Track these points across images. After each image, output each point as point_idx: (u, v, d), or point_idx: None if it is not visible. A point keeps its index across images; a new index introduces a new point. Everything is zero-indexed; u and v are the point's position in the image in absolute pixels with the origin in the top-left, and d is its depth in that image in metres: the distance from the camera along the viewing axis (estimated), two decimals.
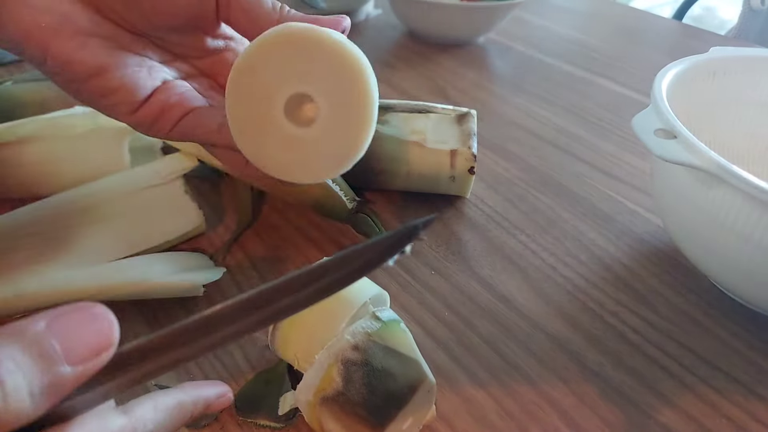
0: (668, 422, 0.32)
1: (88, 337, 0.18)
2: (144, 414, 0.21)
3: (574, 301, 0.39)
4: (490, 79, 0.71)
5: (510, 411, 0.32)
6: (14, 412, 0.16)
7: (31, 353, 0.16)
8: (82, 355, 0.17)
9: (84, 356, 0.17)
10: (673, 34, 0.95)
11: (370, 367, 0.27)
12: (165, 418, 0.22)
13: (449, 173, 0.45)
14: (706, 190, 0.34)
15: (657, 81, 0.40)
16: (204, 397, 0.25)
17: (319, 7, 0.83)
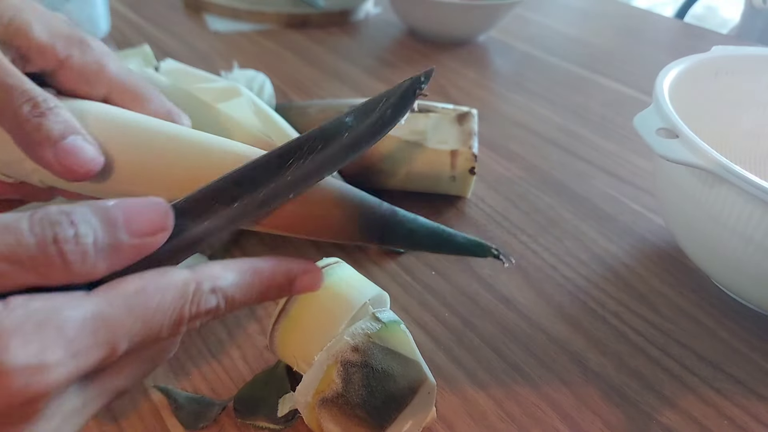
0: (670, 423, 0.31)
1: (147, 218, 0.20)
2: (211, 271, 0.21)
3: (575, 302, 0.39)
4: (491, 78, 0.71)
5: (511, 412, 0.31)
6: (80, 253, 0.18)
7: (98, 216, 0.19)
8: (141, 230, 0.20)
9: (142, 232, 0.20)
10: (675, 33, 0.94)
11: (370, 369, 0.27)
12: (238, 278, 0.21)
13: (450, 173, 0.45)
14: (708, 189, 0.34)
15: (659, 80, 0.40)
16: (286, 268, 0.23)
17: (318, 6, 0.83)
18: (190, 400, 0.31)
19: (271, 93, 0.52)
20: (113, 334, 0.18)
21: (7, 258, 0.18)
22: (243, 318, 0.36)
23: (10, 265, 0.18)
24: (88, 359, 0.18)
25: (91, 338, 0.18)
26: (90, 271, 0.19)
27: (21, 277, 0.18)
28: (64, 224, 0.18)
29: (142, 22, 0.78)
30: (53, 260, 0.18)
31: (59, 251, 0.18)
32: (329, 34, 0.80)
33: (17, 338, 0.17)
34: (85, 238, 0.18)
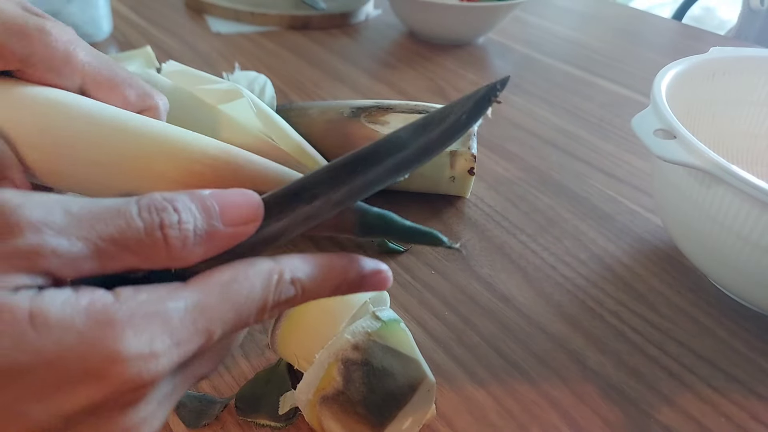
0: (668, 421, 0.32)
1: (240, 209, 0.21)
2: (292, 261, 0.22)
3: (574, 301, 0.39)
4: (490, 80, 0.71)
5: (510, 410, 0.32)
6: (181, 239, 0.19)
7: (197, 205, 0.20)
8: (235, 220, 0.21)
9: (235, 221, 0.21)
10: (673, 35, 0.95)
11: (370, 367, 0.27)
12: (315, 271, 0.22)
13: (449, 174, 0.45)
14: (705, 189, 0.34)
15: (657, 81, 0.40)
16: (359, 266, 0.23)
17: (319, 8, 0.83)
18: (191, 398, 0.31)
19: (272, 94, 0.52)
20: (211, 323, 0.19)
21: (116, 241, 0.18)
22: None
23: (118, 249, 0.19)
24: (188, 347, 0.19)
25: (192, 327, 0.19)
26: (187, 256, 0.20)
27: (126, 259, 0.19)
28: (169, 210, 0.19)
29: (144, 23, 0.78)
30: (158, 244, 0.19)
31: (164, 236, 0.19)
32: (330, 35, 0.80)
33: (130, 329, 0.17)
34: (186, 225, 0.20)
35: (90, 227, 0.18)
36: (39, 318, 0.17)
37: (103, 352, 0.17)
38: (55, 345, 0.17)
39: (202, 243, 0.20)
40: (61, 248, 0.18)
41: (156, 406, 0.20)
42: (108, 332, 0.17)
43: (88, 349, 0.17)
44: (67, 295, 0.17)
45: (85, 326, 0.17)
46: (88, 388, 0.17)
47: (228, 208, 0.21)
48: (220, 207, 0.21)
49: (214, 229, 0.20)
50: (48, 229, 0.18)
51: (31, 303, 0.17)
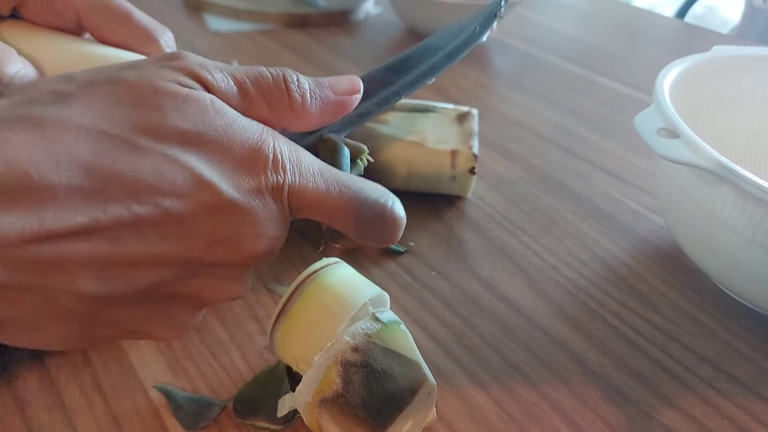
0: (670, 423, 0.31)
1: (345, 83, 0.27)
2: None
3: (575, 302, 0.39)
4: (491, 78, 0.71)
5: (511, 412, 0.31)
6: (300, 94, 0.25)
7: (311, 79, 0.26)
8: (341, 90, 0.26)
9: (342, 91, 0.26)
10: (675, 33, 0.94)
11: (370, 369, 0.27)
12: None
13: (450, 173, 0.45)
14: (708, 189, 0.34)
15: (659, 80, 0.40)
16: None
17: (318, 6, 0.83)
18: (189, 400, 0.31)
19: None
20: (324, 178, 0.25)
21: (254, 83, 0.24)
22: (243, 318, 0.36)
23: (256, 91, 0.24)
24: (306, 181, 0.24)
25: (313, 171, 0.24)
26: (306, 113, 0.25)
27: (261, 105, 0.24)
28: (290, 72, 0.25)
29: None
30: (283, 94, 0.24)
31: (287, 88, 0.24)
32: (329, 33, 0.80)
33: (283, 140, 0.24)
34: (304, 84, 0.25)
35: (236, 70, 0.24)
36: (218, 104, 0.22)
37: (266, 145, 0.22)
38: (227, 125, 0.22)
39: (317, 105, 0.25)
40: (217, 75, 0.23)
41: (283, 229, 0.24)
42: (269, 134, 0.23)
43: (252, 138, 0.22)
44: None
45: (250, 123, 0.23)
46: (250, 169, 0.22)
47: (335, 82, 0.26)
48: (329, 81, 0.26)
49: (326, 95, 0.25)
50: (206, 61, 0.24)
51: (211, 96, 0.22)
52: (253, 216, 0.22)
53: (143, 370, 0.32)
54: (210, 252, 0.22)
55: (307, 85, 0.25)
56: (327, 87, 0.25)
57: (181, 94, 0.21)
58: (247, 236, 0.22)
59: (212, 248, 0.22)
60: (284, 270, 0.40)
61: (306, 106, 0.25)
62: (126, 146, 0.20)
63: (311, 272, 0.29)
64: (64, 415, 0.29)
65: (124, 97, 0.20)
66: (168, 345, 0.34)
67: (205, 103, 0.21)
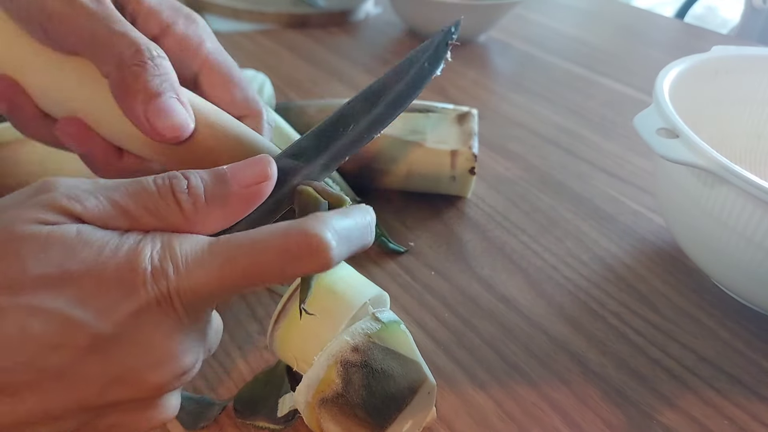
0: (670, 423, 0.31)
1: (252, 170, 0.23)
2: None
3: (575, 302, 0.39)
4: (491, 78, 0.71)
5: (511, 412, 0.31)
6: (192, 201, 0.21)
7: (208, 173, 0.22)
8: (247, 180, 0.22)
9: (248, 181, 0.22)
10: (675, 33, 0.94)
11: (370, 369, 0.27)
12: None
13: (450, 173, 0.45)
14: (708, 189, 0.34)
15: (659, 80, 0.40)
16: None
17: (319, 6, 0.83)
18: (189, 400, 0.31)
19: (271, 93, 0.52)
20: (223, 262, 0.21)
21: (137, 201, 0.21)
22: (243, 318, 0.36)
23: (139, 209, 0.21)
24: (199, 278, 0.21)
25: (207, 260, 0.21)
26: (204, 219, 0.22)
27: (148, 221, 0.21)
28: (179, 177, 0.22)
29: None
30: (171, 206, 0.21)
31: (176, 199, 0.21)
32: (329, 33, 0.80)
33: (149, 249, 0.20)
34: (196, 189, 0.22)
35: (114, 190, 0.21)
36: (84, 234, 0.20)
37: (131, 264, 0.20)
38: (95, 256, 0.19)
39: (217, 206, 0.22)
40: (89, 203, 0.20)
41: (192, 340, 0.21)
42: (136, 249, 0.20)
43: (120, 262, 0.19)
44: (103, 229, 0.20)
45: (118, 245, 0.20)
46: (122, 296, 0.19)
47: (239, 171, 0.22)
48: (230, 171, 0.22)
49: (227, 192, 0.22)
50: (78, 189, 0.20)
51: (78, 225, 0.20)
52: (143, 344, 0.20)
53: None
54: (106, 395, 0.20)
55: (201, 189, 0.21)
56: (229, 181, 0.22)
57: (42, 235, 0.19)
58: (145, 368, 0.20)
59: (108, 391, 0.20)
60: None
61: (200, 210, 0.21)
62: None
63: None
64: None
65: None
66: None
67: (69, 238, 0.19)
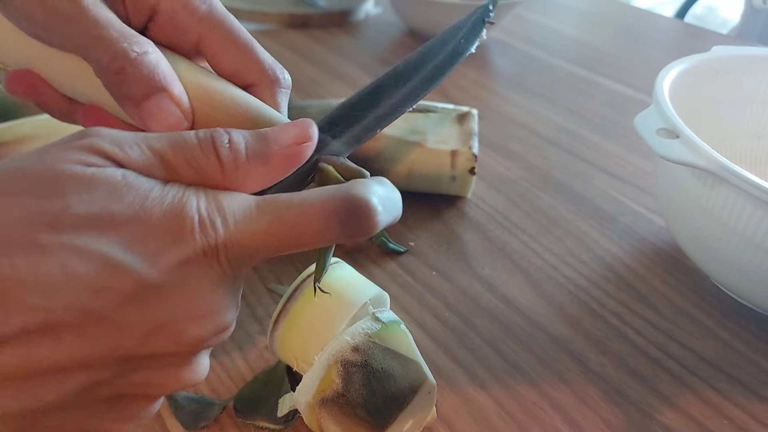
0: (669, 423, 0.31)
1: (293, 131, 0.23)
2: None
3: (575, 302, 0.39)
4: (491, 78, 0.71)
5: (511, 412, 0.31)
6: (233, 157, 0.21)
7: (251, 132, 0.22)
8: (288, 141, 0.22)
9: (289, 141, 0.22)
10: (675, 33, 0.95)
11: (370, 369, 0.27)
12: None
13: (450, 173, 0.45)
14: (708, 190, 0.34)
15: (659, 80, 0.40)
16: None
17: (319, 6, 0.83)
18: (189, 400, 0.31)
19: None
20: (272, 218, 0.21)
21: (177, 153, 0.20)
22: (243, 318, 0.36)
23: (180, 161, 0.20)
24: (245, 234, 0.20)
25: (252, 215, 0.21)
26: (243, 176, 0.21)
27: (188, 173, 0.21)
28: (221, 132, 0.21)
29: None
30: (212, 160, 0.21)
31: (216, 150, 0.21)
32: (330, 34, 0.80)
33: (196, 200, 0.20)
34: (237, 145, 0.21)
35: (156, 140, 0.21)
36: (129, 178, 0.19)
37: (177, 212, 0.19)
38: (141, 201, 0.19)
39: (256, 164, 0.22)
40: (132, 151, 0.20)
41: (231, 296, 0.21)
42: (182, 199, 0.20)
43: (166, 210, 0.19)
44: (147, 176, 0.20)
45: (163, 192, 0.20)
46: (168, 244, 0.19)
47: (281, 132, 0.22)
48: (272, 132, 0.22)
49: (267, 149, 0.22)
50: (120, 136, 0.20)
51: (123, 170, 0.20)
52: (187, 294, 0.19)
53: None
54: (145, 345, 0.19)
55: (242, 145, 0.21)
56: (271, 140, 0.22)
57: (87, 175, 0.19)
58: (186, 320, 0.20)
59: (147, 341, 0.19)
60: (284, 270, 0.40)
61: (241, 167, 0.21)
62: (24, 246, 0.17)
63: (311, 272, 0.30)
64: None
65: (23, 189, 0.18)
66: None
67: (114, 180, 0.19)
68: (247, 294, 0.37)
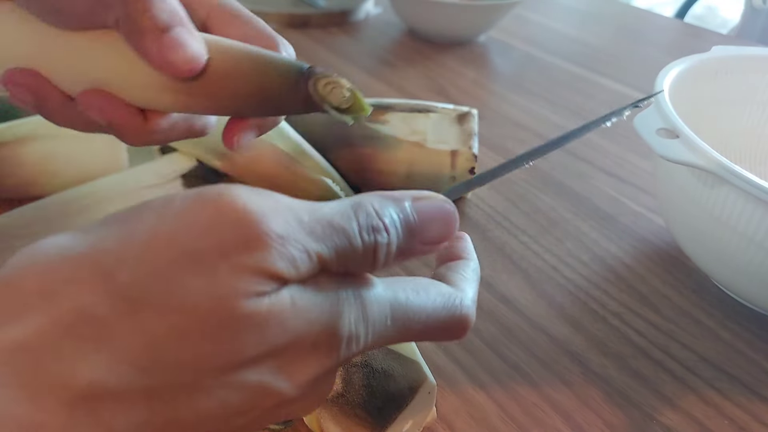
0: (671, 424, 0.31)
1: (438, 227, 0.22)
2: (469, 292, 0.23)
3: (576, 303, 0.39)
4: (491, 78, 0.71)
5: (511, 413, 0.31)
6: (388, 258, 0.21)
7: (402, 223, 0.21)
8: (431, 240, 0.21)
9: (432, 241, 0.21)
10: (675, 33, 0.95)
11: (370, 369, 0.27)
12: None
13: (450, 173, 0.45)
14: (708, 189, 0.34)
15: (659, 80, 0.40)
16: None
17: (319, 7, 0.83)
18: None
19: None
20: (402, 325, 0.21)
21: (339, 255, 0.19)
22: None
23: (338, 262, 0.19)
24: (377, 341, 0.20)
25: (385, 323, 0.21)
26: (384, 267, 0.21)
27: (341, 269, 0.20)
28: (382, 232, 0.20)
29: None
30: (368, 263, 0.20)
31: (375, 259, 0.20)
32: (329, 34, 0.80)
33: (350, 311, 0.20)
34: (392, 246, 0.21)
35: (322, 242, 0.19)
36: (299, 303, 0.18)
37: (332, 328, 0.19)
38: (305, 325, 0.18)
39: (398, 260, 0.21)
40: (303, 266, 0.19)
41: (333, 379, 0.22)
42: (337, 310, 0.19)
43: (322, 326, 0.19)
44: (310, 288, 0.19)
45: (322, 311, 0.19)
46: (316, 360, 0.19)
47: (427, 228, 0.21)
48: (420, 224, 0.21)
49: (411, 248, 0.21)
50: (290, 245, 0.18)
51: (290, 291, 0.18)
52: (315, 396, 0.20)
53: None
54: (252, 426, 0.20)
55: (395, 246, 0.21)
56: (417, 237, 0.21)
57: (261, 313, 0.17)
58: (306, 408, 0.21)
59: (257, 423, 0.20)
60: None
61: (388, 264, 0.21)
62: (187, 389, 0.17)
63: None
64: None
65: (195, 328, 0.17)
66: None
67: (285, 311, 0.18)
68: None
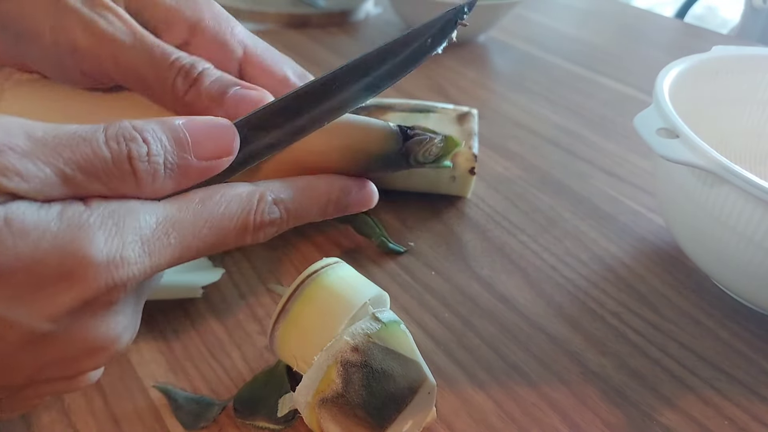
0: (669, 423, 0.31)
1: (215, 142, 0.21)
2: (272, 184, 0.22)
3: (575, 302, 0.39)
4: (491, 78, 0.71)
5: (510, 412, 0.31)
6: (151, 172, 0.19)
7: (169, 136, 0.19)
8: (208, 154, 0.20)
9: (209, 155, 0.20)
10: (675, 33, 0.94)
11: (370, 369, 0.27)
12: (297, 192, 0.23)
13: (450, 173, 0.45)
14: (708, 189, 0.34)
15: (659, 80, 0.40)
16: (341, 185, 0.24)
17: (319, 7, 0.83)
18: (189, 400, 0.31)
19: None
20: (183, 237, 0.20)
21: (82, 168, 0.18)
22: (243, 318, 0.36)
23: (86, 177, 0.18)
24: (160, 258, 0.19)
25: (164, 239, 0.19)
26: (158, 189, 0.20)
27: (95, 188, 0.18)
28: (138, 141, 0.19)
29: None
30: (126, 176, 0.19)
31: (133, 169, 0.19)
32: (329, 34, 0.80)
33: (101, 234, 0.18)
34: (156, 158, 0.19)
35: (56, 153, 0.17)
36: (15, 223, 0.17)
37: (77, 254, 0.17)
38: (32, 248, 0.17)
39: (174, 177, 0.20)
40: (27, 172, 0.17)
41: (130, 317, 0.20)
42: (81, 235, 0.17)
43: (63, 252, 0.17)
44: (38, 205, 0.17)
45: (59, 230, 0.17)
46: (64, 290, 0.17)
47: (201, 140, 0.20)
48: (192, 138, 0.20)
49: (186, 163, 0.20)
50: (13, 153, 0.17)
51: (5, 210, 0.17)
52: (80, 336, 0.19)
53: (143, 370, 0.32)
54: (38, 376, 0.19)
55: (161, 158, 0.19)
56: (189, 149, 0.20)
57: None
58: (81, 356, 0.19)
59: (40, 373, 0.19)
60: (284, 270, 0.40)
61: (158, 184, 0.19)
62: None
63: (311, 272, 0.30)
64: (64, 415, 0.29)
65: None
66: (168, 345, 0.34)
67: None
68: (247, 294, 0.37)
